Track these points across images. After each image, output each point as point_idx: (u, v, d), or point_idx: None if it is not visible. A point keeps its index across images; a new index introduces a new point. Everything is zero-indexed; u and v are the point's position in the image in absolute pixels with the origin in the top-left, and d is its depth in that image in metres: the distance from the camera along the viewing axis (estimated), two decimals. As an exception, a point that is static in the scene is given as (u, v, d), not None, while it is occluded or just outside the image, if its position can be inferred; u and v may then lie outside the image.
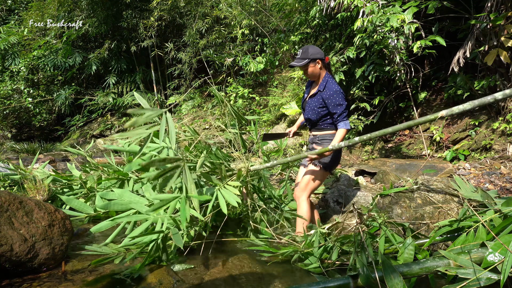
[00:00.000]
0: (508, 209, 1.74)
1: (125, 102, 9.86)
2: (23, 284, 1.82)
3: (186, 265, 2.08)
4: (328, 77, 2.43)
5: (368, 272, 1.56)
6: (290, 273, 2.03)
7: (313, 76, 2.46)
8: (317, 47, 2.43)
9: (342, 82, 5.21)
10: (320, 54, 2.39)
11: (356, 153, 5.75)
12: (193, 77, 9.52)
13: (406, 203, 2.60)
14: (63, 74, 10.67)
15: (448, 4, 4.47)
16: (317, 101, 2.42)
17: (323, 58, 2.42)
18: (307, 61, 2.37)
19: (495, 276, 1.43)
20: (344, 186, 3.47)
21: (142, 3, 9.45)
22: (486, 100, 1.67)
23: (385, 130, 2.03)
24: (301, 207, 2.47)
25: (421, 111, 5.55)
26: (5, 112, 10.47)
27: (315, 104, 2.43)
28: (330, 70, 2.54)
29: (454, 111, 1.77)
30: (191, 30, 8.79)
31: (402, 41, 4.48)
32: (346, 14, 4.96)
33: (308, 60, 2.37)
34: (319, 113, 2.43)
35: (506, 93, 1.63)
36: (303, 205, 2.46)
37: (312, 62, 2.38)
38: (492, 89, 4.56)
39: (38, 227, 2.00)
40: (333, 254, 2.05)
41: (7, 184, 3.11)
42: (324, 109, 2.41)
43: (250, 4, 8.09)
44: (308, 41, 6.40)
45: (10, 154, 8.39)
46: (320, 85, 2.43)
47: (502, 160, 4.09)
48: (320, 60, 2.40)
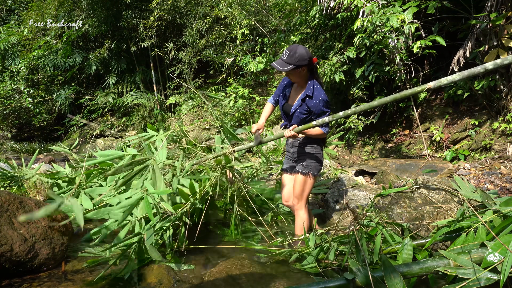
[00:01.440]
0: (507, 209, 1.74)
1: (125, 102, 9.86)
2: (23, 284, 1.82)
3: (186, 265, 2.08)
4: (314, 82, 2.28)
5: (367, 272, 1.56)
6: (290, 273, 2.03)
7: (297, 81, 2.34)
8: (306, 48, 2.18)
9: (342, 82, 5.22)
10: (306, 59, 2.16)
11: (356, 153, 5.75)
12: (193, 77, 9.52)
13: (406, 203, 2.60)
14: (63, 74, 10.66)
15: (448, 4, 4.46)
16: (303, 109, 2.32)
17: (310, 62, 2.21)
18: (292, 68, 2.15)
19: (495, 276, 1.43)
20: (344, 186, 3.47)
21: (142, 3, 9.44)
22: (476, 71, 1.69)
23: (371, 104, 2.03)
24: (300, 216, 2.45)
25: (421, 111, 5.55)
26: (5, 112, 10.46)
27: (301, 110, 2.33)
28: (316, 71, 2.34)
29: (442, 82, 1.78)
30: (191, 30, 8.79)
31: (402, 41, 4.48)
32: (346, 14, 4.96)
33: (293, 67, 2.15)
34: (304, 119, 2.35)
35: (497, 63, 1.64)
36: (302, 214, 2.45)
37: (297, 67, 2.17)
38: (492, 89, 4.56)
39: (38, 227, 2.00)
40: (330, 254, 2.05)
41: (7, 184, 3.10)
42: (308, 115, 2.33)
43: (250, 4, 8.09)
44: (308, 41, 6.40)
45: (10, 154, 8.39)
46: (306, 90, 2.28)
47: (502, 160, 4.09)
48: (306, 67, 2.21)
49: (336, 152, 5.85)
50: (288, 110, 2.42)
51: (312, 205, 3.43)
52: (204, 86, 9.72)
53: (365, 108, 2.06)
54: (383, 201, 2.73)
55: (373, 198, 2.73)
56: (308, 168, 2.38)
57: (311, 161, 2.39)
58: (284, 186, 2.60)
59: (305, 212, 2.45)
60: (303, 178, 2.39)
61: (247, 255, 2.24)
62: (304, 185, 2.39)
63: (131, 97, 9.88)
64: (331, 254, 2.05)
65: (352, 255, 1.92)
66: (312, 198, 3.58)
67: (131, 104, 9.88)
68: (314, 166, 2.40)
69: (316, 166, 2.40)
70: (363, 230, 2.04)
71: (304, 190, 2.41)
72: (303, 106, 2.31)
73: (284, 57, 2.17)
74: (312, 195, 3.62)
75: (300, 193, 2.41)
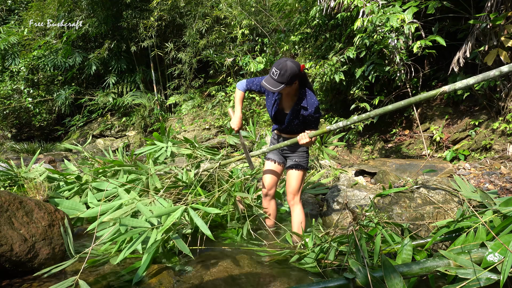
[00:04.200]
0: (507, 209, 1.74)
1: (125, 102, 9.86)
2: (23, 284, 1.82)
3: (186, 265, 2.08)
4: (306, 91, 2.26)
5: (367, 272, 1.56)
6: (290, 273, 2.03)
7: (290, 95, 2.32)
8: (294, 61, 2.10)
9: (342, 82, 5.22)
10: (296, 75, 2.09)
11: (356, 153, 5.75)
12: (193, 77, 9.52)
13: (406, 203, 2.60)
14: (63, 74, 10.66)
15: (448, 4, 4.46)
16: (296, 116, 2.32)
17: (300, 73, 2.17)
18: (283, 87, 2.09)
19: (495, 276, 1.43)
20: (344, 186, 3.47)
21: (142, 3, 9.45)
22: (490, 74, 1.69)
23: (385, 108, 2.02)
24: (296, 210, 2.51)
25: (421, 111, 5.56)
26: (5, 112, 10.46)
27: (295, 120, 2.34)
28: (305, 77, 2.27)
29: (457, 85, 1.77)
30: (191, 30, 8.79)
31: (402, 41, 4.48)
32: (346, 14, 4.96)
33: (285, 85, 2.09)
34: (297, 124, 2.38)
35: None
36: (298, 208, 2.52)
37: (290, 85, 2.12)
38: (492, 89, 4.56)
39: (38, 227, 2.00)
40: (330, 254, 2.05)
41: (7, 184, 3.10)
42: (301, 119, 2.34)
43: (250, 4, 8.09)
44: (308, 41, 6.40)
45: (10, 154, 8.39)
46: (299, 100, 2.27)
47: (502, 160, 4.09)
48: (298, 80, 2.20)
49: (336, 152, 5.85)
50: (281, 118, 2.42)
51: (312, 205, 3.43)
52: (204, 86, 9.73)
53: (380, 112, 2.05)
54: (383, 201, 2.73)
55: (373, 198, 2.73)
56: (302, 163, 2.50)
57: (303, 157, 2.51)
58: (267, 174, 2.60)
59: (301, 208, 2.53)
60: (299, 174, 2.48)
61: (247, 255, 2.24)
62: (301, 181, 2.50)
63: (131, 97, 9.88)
64: (331, 254, 2.05)
65: (352, 255, 1.92)
66: (312, 198, 3.58)
67: (131, 104, 9.89)
68: (306, 161, 2.53)
69: (307, 161, 2.56)
70: (362, 230, 2.04)
71: (300, 185, 2.51)
72: (299, 117, 2.33)
73: (275, 76, 2.08)
74: (312, 195, 3.62)
75: (297, 188, 2.49)
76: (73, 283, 1.65)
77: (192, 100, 9.55)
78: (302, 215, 2.50)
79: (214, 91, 8.79)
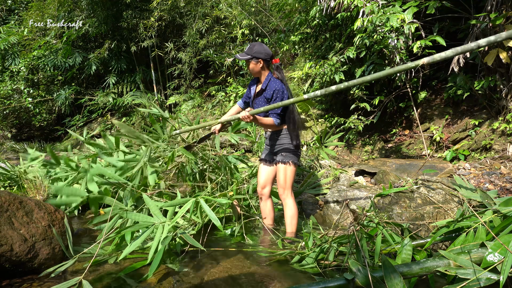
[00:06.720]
0: (507, 209, 1.74)
1: (125, 102, 9.85)
2: (23, 284, 1.82)
3: (186, 266, 2.08)
4: (270, 76, 2.50)
5: (367, 272, 1.56)
6: (290, 273, 2.03)
7: (254, 73, 2.55)
8: (266, 47, 2.48)
9: (342, 82, 5.22)
10: (264, 54, 2.45)
11: (356, 153, 5.75)
12: (193, 77, 9.52)
13: (406, 203, 2.60)
14: (63, 74, 10.66)
15: (448, 4, 4.46)
16: (262, 101, 2.53)
17: (267, 59, 2.48)
18: (249, 58, 2.46)
19: (495, 276, 1.43)
20: (344, 186, 3.47)
21: (142, 3, 9.44)
22: (469, 47, 1.72)
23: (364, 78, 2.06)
24: (288, 205, 2.56)
25: (421, 111, 5.55)
26: (5, 112, 10.46)
27: (261, 103, 2.53)
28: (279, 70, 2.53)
29: (435, 58, 1.81)
30: (191, 30, 8.79)
31: (402, 41, 4.48)
32: (346, 14, 4.96)
33: (250, 57, 2.45)
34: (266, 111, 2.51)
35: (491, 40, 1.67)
36: (290, 202, 2.56)
37: (254, 59, 2.46)
38: (492, 89, 4.55)
39: (38, 227, 2.00)
40: (330, 254, 2.05)
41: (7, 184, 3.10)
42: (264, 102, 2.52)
43: (250, 4, 8.09)
44: (308, 41, 6.40)
45: (10, 154, 8.40)
46: (263, 84, 2.52)
47: (502, 160, 4.09)
48: (262, 60, 2.46)
49: (336, 152, 5.85)
50: (254, 105, 2.65)
51: (312, 205, 3.43)
52: (204, 86, 9.73)
53: (358, 82, 2.08)
54: (383, 201, 2.73)
55: (373, 198, 2.73)
56: (288, 157, 2.53)
57: (288, 151, 2.54)
58: (261, 174, 2.72)
59: (293, 201, 2.56)
60: (284, 167, 2.53)
61: (247, 255, 2.24)
62: (286, 173, 2.52)
63: (131, 97, 9.87)
64: (331, 254, 2.05)
65: (352, 255, 1.92)
66: (312, 198, 3.58)
67: (131, 104, 9.88)
68: (293, 156, 2.55)
69: (295, 155, 2.56)
70: (363, 230, 2.04)
71: (287, 178, 2.53)
72: (262, 99, 2.52)
73: (246, 50, 2.51)
74: (312, 195, 3.62)
75: (284, 181, 2.53)
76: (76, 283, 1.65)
77: (192, 100, 9.54)
78: (293, 208, 2.54)
79: (214, 91, 8.79)
